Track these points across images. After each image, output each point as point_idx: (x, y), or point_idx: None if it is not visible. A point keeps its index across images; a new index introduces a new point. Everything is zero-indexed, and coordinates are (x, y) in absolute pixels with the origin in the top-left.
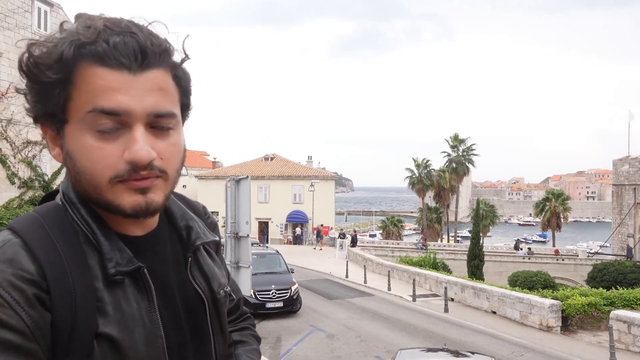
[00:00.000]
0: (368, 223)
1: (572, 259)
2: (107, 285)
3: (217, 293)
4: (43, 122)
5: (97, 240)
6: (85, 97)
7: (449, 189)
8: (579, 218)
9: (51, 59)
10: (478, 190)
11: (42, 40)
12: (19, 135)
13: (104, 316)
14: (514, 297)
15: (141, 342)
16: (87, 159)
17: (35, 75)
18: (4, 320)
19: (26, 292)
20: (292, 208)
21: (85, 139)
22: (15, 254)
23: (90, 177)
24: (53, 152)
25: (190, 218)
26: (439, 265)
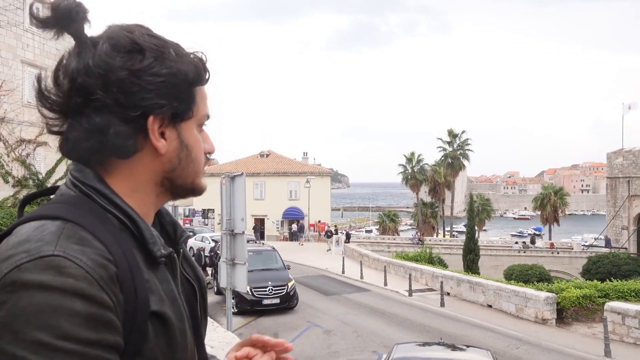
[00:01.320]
0: (364, 219)
1: (567, 251)
2: (149, 268)
3: (203, 281)
4: (159, 116)
5: (136, 227)
6: (202, 103)
7: (444, 184)
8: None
9: (208, 70)
10: (473, 185)
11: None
12: (12, 133)
13: (153, 295)
14: (510, 290)
15: (180, 319)
16: (198, 149)
17: (200, 76)
18: (96, 296)
19: (109, 270)
20: (288, 204)
21: (196, 134)
22: (83, 236)
23: (198, 164)
24: (158, 144)
25: (172, 215)
26: (435, 260)
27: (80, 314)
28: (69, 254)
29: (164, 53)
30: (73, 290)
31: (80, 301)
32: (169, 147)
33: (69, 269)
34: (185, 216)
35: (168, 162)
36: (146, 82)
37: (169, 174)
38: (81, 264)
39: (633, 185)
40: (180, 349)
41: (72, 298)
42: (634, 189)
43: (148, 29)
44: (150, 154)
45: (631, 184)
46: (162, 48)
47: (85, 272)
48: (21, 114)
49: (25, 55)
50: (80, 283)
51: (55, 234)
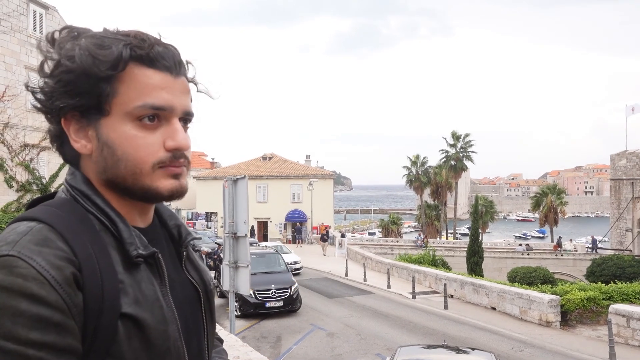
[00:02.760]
0: (367, 221)
1: (571, 254)
2: (126, 269)
3: (208, 285)
4: (72, 115)
5: (115, 227)
6: (135, 93)
7: (446, 186)
8: (578, 213)
9: (111, 57)
10: (476, 187)
11: (90, 39)
12: (16, 138)
13: (126, 296)
14: (513, 292)
15: (161, 322)
16: (130, 147)
17: (89, 69)
18: (44, 298)
19: (64, 271)
20: (291, 207)
21: (128, 130)
22: (47, 236)
23: (132, 163)
24: (76, 145)
25: (177, 217)
26: (438, 263)
27: (24, 314)
28: (24, 254)
29: (62, 51)
30: (20, 290)
31: (27, 301)
32: (92, 147)
33: (19, 269)
34: (189, 219)
35: (96, 163)
36: (48, 86)
37: (104, 175)
38: (33, 264)
39: (637, 187)
40: (160, 352)
41: (19, 298)
42: (638, 190)
43: (71, 28)
44: (87, 156)
45: (635, 185)
46: (63, 47)
47: (37, 273)
48: (25, 119)
49: (29, 61)
50: (28, 283)
51: (21, 234)
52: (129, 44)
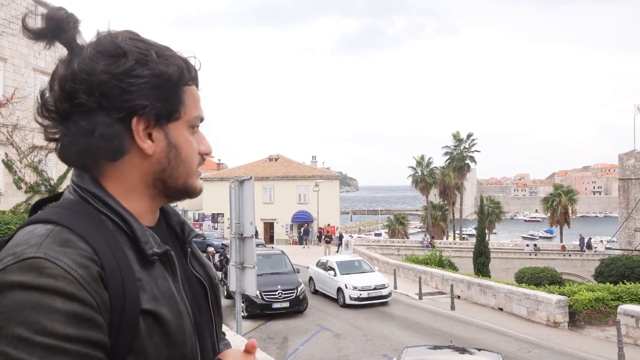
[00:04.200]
0: (373, 222)
1: (579, 254)
2: (142, 267)
3: (214, 279)
4: (144, 117)
5: (129, 227)
6: (193, 104)
7: (453, 187)
8: (586, 213)
9: (194, 70)
10: (483, 187)
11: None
12: (25, 140)
13: (145, 293)
14: (521, 293)
15: (177, 317)
16: (189, 150)
17: (180, 77)
18: (76, 295)
19: (90, 270)
20: (297, 208)
21: (187, 135)
22: (68, 238)
23: (189, 165)
24: (144, 145)
25: (180, 215)
26: (445, 263)
27: (59, 310)
28: (50, 255)
29: (147, 55)
30: (52, 289)
31: (60, 299)
32: (157, 148)
33: (48, 270)
34: (195, 220)
35: (157, 163)
36: (128, 84)
37: (159, 175)
38: (61, 265)
39: None
40: (178, 345)
41: (52, 296)
42: None
43: (135, 34)
44: (138, 156)
45: None
46: (144, 51)
47: (65, 272)
48: (33, 120)
49: (37, 63)
50: (59, 282)
51: (42, 237)
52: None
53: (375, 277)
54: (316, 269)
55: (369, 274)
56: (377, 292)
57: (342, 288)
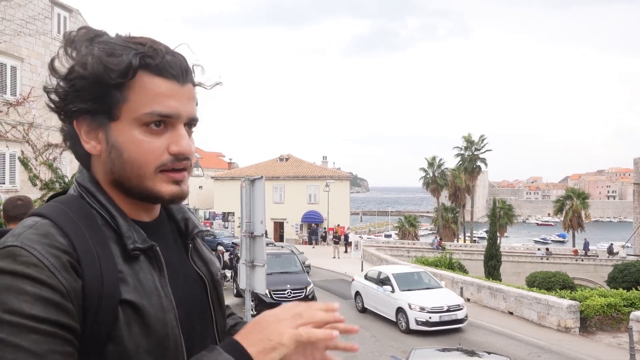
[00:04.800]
0: (383, 223)
1: (592, 259)
2: (125, 260)
3: (215, 275)
4: (83, 118)
5: (115, 222)
6: (143, 100)
7: (464, 189)
8: (600, 218)
9: (121, 66)
10: (495, 190)
11: (103, 46)
12: (40, 138)
13: (126, 285)
14: (531, 297)
15: (159, 309)
16: (136, 151)
17: (101, 77)
18: (45, 280)
19: (61, 259)
20: (307, 208)
21: (135, 134)
22: (48, 230)
23: (137, 166)
24: (87, 145)
25: (186, 211)
26: (455, 266)
27: (28, 293)
28: (26, 244)
29: (76, 57)
30: (23, 274)
31: (30, 283)
32: (101, 148)
33: (22, 257)
34: (206, 219)
35: (104, 163)
36: (63, 88)
37: (110, 175)
38: (34, 253)
39: None
40: (160, 338)
41: (23, 280)
42: None
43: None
44: (96, 156)
45: None
46: (78, 52)
47: (38, 260)
48: (49, 119)
49: None
50: (30, 269)
51: (26, 227)
52: (140, 52)
53: (446, 294)
54: (365, 282)
55: (436, 291)
56: (451, 315)
57: (403, 309)
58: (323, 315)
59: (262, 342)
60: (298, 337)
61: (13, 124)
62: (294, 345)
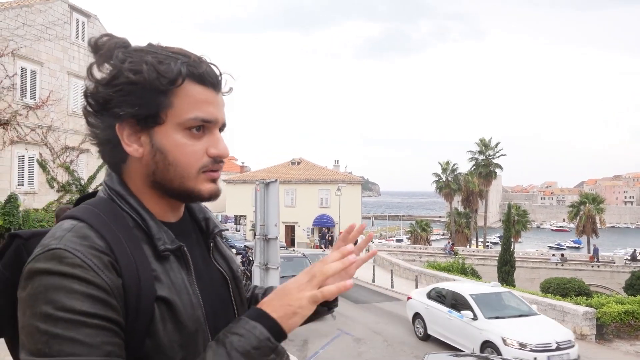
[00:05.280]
0: (395, 227)
1: (608, 265)
2: (157, 260)
3: (236, 272)
4: (127, 122)
5: (145, 224)
6: (187, 106)
7: (477, 193)
8: (617, 224)
9: (172, 74)
10: (508, 195)
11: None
12: (58, 141)
13: (159, 282)
14: (546, 304)
15: (189, 306)
16: (181, 153)
17: (152, 83)
18: (91, 279)
19: (102, 259)
20: (318, 212)
21: (179, 138)
22: (86, 233)
23: (181, 168)
24: (129, 148)
25: (206, 211)
26: (467, 271)
27: (77, 291)
28: (69, 246)
29: (125, 63)
30: (70, 274)
31: (78, 282)
32: (144, 151)
33: (68, 259)
34: None
35: (146, 166)
36: (107, 93)
37: (152, 177)
38: (78, 255)
39: None
40: (190, 332)
41: (71, 280)
42: None
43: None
44: (136, 159)
45: None
46: (124, 60)
47: (81, 261)
48: (66, 122)
49: (71, 67)
50: (76, 270)
51: (65, 230)
52: (186, 62)
53: (548, 325)
54: (428, 302)
55: (533, 319)
56: (562, 355)
57: (494, 344)
58: (336, 266)
59: (283, 307)
60: (315, 299)
61: (32, 127)
62: (313, 306)
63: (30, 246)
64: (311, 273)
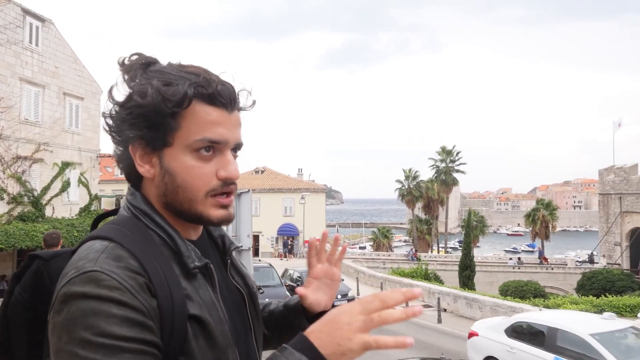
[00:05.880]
0: (358, 235)
1: (561, 267)
2: (185, 278)
3: (252, 288)
4: (139, 143)
5: (174, 242)
6: (195, 127)
7: (437, 200)
8: (567, 227)
9: (177, 96)
10: (467, 201)
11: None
12: (9, 150)
13: (191, 301)
14: (506, 306)
15: (219, 323)
16: (189, 175)
17: (158, 106)
18: (128, 302)
19: (138, 280)
20: (282, 221)
21: (187, 160)
22: (120, 254)
23: (189, 191)
24: (141, 169)
25: (221, 229)
26: (430, 276)
27: (115, 315)
28: (105, 269)
29: (134, 86)
30: (108, 297)
31: (116, 306)
32: (155, 172)
33: (105, 281)
34: None
35: (158, 187)
36: (120, 116)
37: (163, 198)
38: (115, 277)
39: (625, 201)
40: (222, 349)
41: (109, 304)
42: (625, 205)
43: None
44: (149, 179)
45: (623, 200)
46: (138, 83)
47: (119, 283)
48: (18, 130)
49: (24, 73)
50: (113, 292)
51: (99, 252)
52: (194, 83)
53: None
54: (511, 342)
55: None
56: None
57: None
58: (398, 316)
59: (333, 345)
60: (367, 348)
61: None
62: (363, 352)
63: (51, 267)
64: (368, 311)
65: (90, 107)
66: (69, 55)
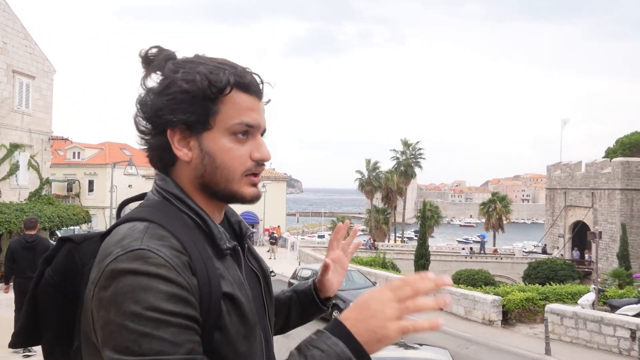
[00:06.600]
0: (317, 224)
1: (509, 257)
2: (218, 258)
3: (266, 271)
4: (178, 128)
5: (206, 225)
6: (233, 112)
7: (396, 191)
8: (516, 219)
9: (222, 83)
10: (423, 193)
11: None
12: None
13: (224, 279)
14: (459, 294)
15: (247, 301)
16: (227, 156)
17: (204, 91)
18: (173, 279)
19: (181, 259)
20: (242, 209)
21: (226, 142)
22: (162, 234)
23: (227, 171)
24: (179, 152)
25: (237, 215)
26: (388, 265)
27: (162, 291)
28: (152, 247)
29: (177, 73)
30: (156, 274)
31: (163, 282)
32: (193, 155)
33: (152, 259)
34: None
35: (195, 169)
36: (160, 102)
37: (200, 180)
38: (161, 255)
39: (569, 196)
40: (251, 325)
41: (156, 279)
42: (569, 199)
43: (197, 56)
44: (184, 163)
45: (567, 195)
46: (179, 70)
47: (165, 261)
48: None
49: None
50: (160, 269)
51: (142, 232)
52: (233, 72)
53: None
54: None
55: None
56: None
57: None
58: (431, 305)
59: (367, 333)
60: (405, 332)
61: None
62: (399, 338)
63: (82, 250)
64: (400, 299)
65: (42, 86)
66: (19, 31)
